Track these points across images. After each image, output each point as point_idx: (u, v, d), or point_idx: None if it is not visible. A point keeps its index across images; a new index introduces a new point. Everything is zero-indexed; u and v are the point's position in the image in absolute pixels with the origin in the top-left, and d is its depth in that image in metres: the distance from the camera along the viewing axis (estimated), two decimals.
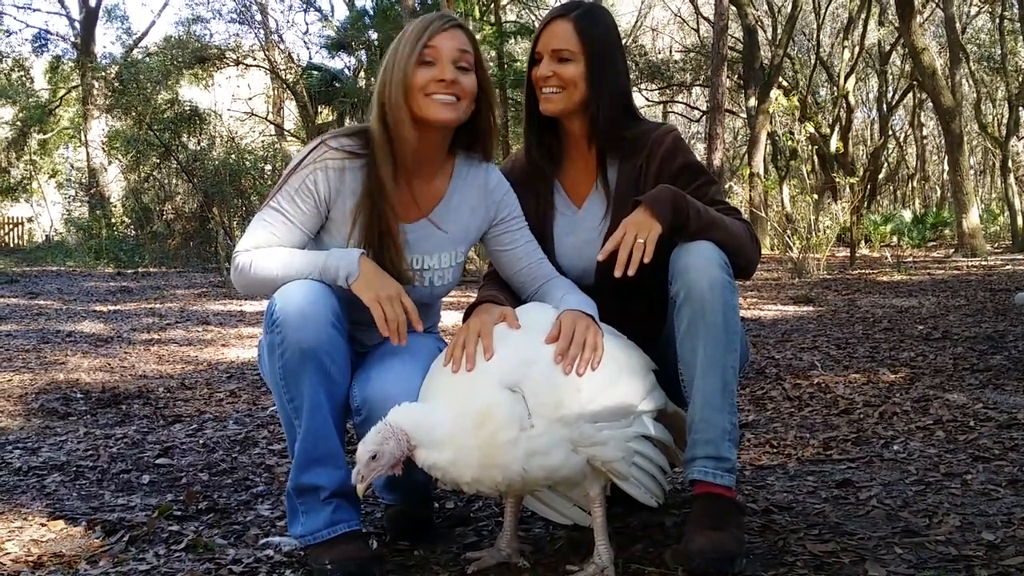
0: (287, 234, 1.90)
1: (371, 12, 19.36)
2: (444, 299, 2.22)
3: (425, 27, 1.87)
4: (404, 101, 1.86)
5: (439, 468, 1.68)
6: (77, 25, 21.95)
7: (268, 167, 15.46)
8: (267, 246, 1.90)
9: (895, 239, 18.21)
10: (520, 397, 1.69)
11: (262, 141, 20.13)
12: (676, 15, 26.58)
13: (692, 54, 24.10)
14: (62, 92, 23.07)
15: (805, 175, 12.77)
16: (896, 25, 17.90)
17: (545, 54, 2.01)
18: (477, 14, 16.78)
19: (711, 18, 16.86)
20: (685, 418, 1.92)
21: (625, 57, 2.11)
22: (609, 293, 2.01)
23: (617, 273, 1.82)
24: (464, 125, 1.95)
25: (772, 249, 14.38)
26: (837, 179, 14.90)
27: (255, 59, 20.78)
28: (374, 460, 1.66)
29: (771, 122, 18.07)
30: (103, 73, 18.20)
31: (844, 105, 20.29)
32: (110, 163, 19.76)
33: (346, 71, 20.63)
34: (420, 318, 1.91)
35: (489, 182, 2.04)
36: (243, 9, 20.66)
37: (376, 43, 18.20)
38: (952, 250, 14.73)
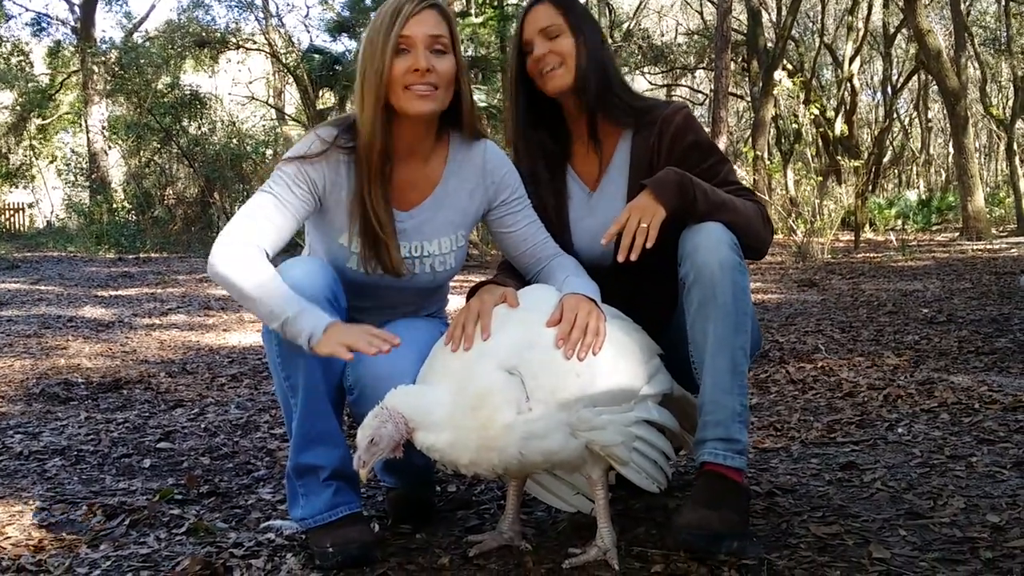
0: (279, 218, 1.84)
1: None
2: (451, 283, 2.20)
3: (397, 12, 1.80)
4: (385, 94, 1.81)
5: (437, 450, 1.67)
6: (77, 9, 21.78)
7: (269, 152, 15.44)
8: (259, 233, 1.82)
9: (900, 223, 18.14)
10: (518, 380, 1.68)
11: (263, 125, 20.09)
12: None
13: (696, 37, 23.95)
14: (62, 77, 22.97)
15: (809, 158, 12.71)
16: (901, 7, 17.77)
17: (534, 38, 2.01)
18: None
19: (715, 0, 16.76)
20: (693, 403, 1.91)
21: (601, 30, 2.11)
22: (625, 276, 1.99)
23: (620, 258, 1.82)
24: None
25: (776, 233, 14.31)
26: (841, 162, 14.82)
27: (255, 43, 20.66)
28: (373, 444, 1.65)
29: (775, 105, 17.97)
30: (103, 58, 18.11)
31: (849, 88, 20.16)
32: (111, 148, 19.71)
33: (347, 54, 20.45)
34: (425, 303, 1.93)
35: (487, 162, 2.00)
36: None
37: None
38: (957, 233, 14.66)
